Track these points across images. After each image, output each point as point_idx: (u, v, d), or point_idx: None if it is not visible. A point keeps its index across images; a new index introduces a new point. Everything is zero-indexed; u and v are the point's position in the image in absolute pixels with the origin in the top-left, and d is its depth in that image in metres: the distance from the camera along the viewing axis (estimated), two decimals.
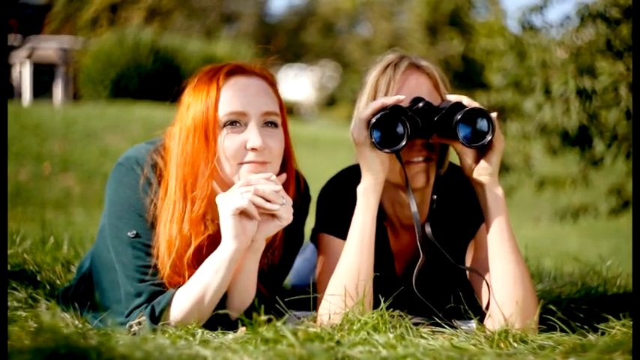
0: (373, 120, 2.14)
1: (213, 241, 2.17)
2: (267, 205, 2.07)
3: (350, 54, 35.08)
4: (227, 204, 2.06)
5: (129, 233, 2.16)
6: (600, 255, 3.58)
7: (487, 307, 2.19)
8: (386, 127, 2.15)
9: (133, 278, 2.15)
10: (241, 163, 2.12)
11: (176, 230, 2.13)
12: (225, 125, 2.12)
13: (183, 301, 2.10)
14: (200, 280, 2.10)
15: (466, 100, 2.20)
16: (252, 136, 2.11)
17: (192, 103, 2.15)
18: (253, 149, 2.10)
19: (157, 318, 2.10)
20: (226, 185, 2.14)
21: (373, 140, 2.14)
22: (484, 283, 2.22)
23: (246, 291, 2.17)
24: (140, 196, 2.16)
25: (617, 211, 5.51)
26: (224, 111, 2.11)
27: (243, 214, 2.08)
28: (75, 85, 21.86)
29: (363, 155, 2.19)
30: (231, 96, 2.13)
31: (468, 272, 2.37)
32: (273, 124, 2.16)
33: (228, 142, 2.11)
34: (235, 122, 2.12)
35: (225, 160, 2.12)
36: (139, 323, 2.10)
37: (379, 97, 2.26)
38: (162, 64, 18.57)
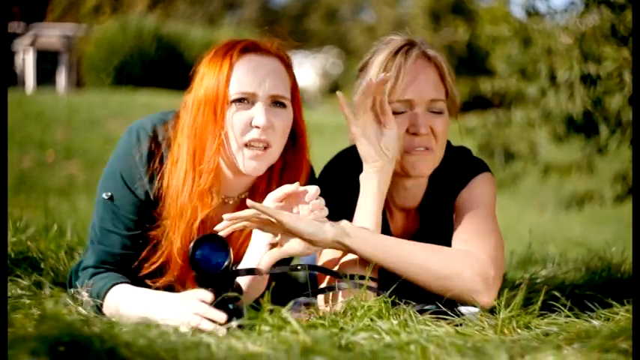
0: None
1: (220, 213, 2.19)
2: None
3: (353, 40, 34.95)
4: (184, 310, 1.97)
5: (104, 194, 2.19)
6: (606, 241, 3.57)
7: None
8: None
9: (94, 237, 2.22)
10: (246, 145, 2.13)
11: (187, 200, 2.16)
12: (233, 101, 2.14)
13: (114, 303, 2.13)
14: (138, 306, 2.09)
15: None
16: (257, 114, 2.13)
17: (206, 75, 2.17)
18: (257, 127, 2.12)
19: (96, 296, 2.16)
20: (230, 162, 2.16)
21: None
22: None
23: (256, 294, 2.18)
24: (131, 163, 2.18)
25: (622, 198, 5.49)
26: (234, 89, 2.14)
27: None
28: (78, 72, 21.83)
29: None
30: (243, 75, 2.14)
31: None
32: (282, 105, 2.18)
33: (235, 118, 2.13)
34: (244, 99, 2.14)
35: (232, 136, 2.14)
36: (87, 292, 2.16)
37: (405, 93, 2.25)
38: (165, 51, 18.51)
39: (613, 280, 2.78)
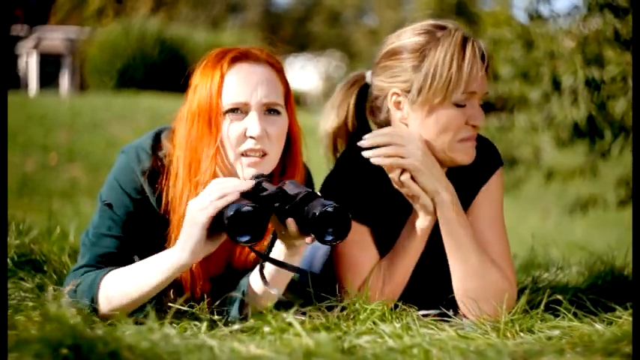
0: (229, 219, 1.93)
1: None
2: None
3: (356, 44, 34.98)
4: (198, 212, 1.98)
5: (102, 203, 2.19)
6: (608, 245, 3.57)
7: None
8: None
9: (87, 241, 2.20)
10: (243, 154, 2.11)
11: (184, 212, 2.11)
12: (227, 112, 2.11)
13: (110, 292, 2.09)
14: (135, 279, 2.07)
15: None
16: (251, 124, 2.10)
17: (199, 87, 2.15)
18: (252, 137, 2.10)
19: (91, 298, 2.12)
20: (229, 172, 2.14)
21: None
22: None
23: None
24: (129, 172, 2.17)
25: (626, 203, 5.49)
26: (226, 100, 2.11)
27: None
28: (81, 75, 21.86)
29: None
30: (235, 85, 2.12)
31: None
32: (275, 112, 2.15)
33: (229, 129, 2.11)
34: (237, 110, 2.12)
35: (229, 147, 2.12)
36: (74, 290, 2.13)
37: (472, 86, 2.23)
38: (168, 54, 18.52)
39: (616, 283, 2.77)
